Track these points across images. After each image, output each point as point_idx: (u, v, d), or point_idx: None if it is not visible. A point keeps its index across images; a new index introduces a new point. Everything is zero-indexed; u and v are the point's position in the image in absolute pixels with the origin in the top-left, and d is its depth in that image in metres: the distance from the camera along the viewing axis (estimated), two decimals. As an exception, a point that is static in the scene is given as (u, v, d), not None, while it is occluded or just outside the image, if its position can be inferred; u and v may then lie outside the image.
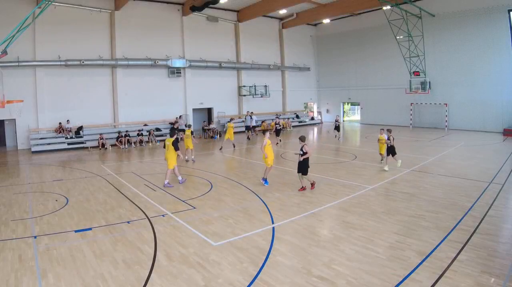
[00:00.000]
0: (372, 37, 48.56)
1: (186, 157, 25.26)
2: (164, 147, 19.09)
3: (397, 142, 29.07)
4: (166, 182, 18.29)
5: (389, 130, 21.37)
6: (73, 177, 21.62)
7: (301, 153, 16.60)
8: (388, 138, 21.02)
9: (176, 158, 18.44)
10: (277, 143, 31.47)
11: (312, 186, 17.19)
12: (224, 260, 9.87)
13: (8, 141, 36.01)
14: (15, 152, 32.44)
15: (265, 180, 18.09)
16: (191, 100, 43.12)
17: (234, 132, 31.78)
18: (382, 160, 21.98)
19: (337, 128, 35.39)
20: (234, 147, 30.83)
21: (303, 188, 16.89)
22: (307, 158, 16.56)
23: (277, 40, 52.03)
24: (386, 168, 20.70)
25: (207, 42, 43.84)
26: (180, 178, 18.83)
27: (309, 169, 16.82)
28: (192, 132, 24.90)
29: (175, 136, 18.94)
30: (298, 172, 16.92)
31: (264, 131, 19.96)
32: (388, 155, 20.92)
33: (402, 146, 29.26)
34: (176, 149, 18.16)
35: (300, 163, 16.67)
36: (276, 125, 34.73)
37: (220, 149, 30.23)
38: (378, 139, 22.28)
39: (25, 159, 28.89)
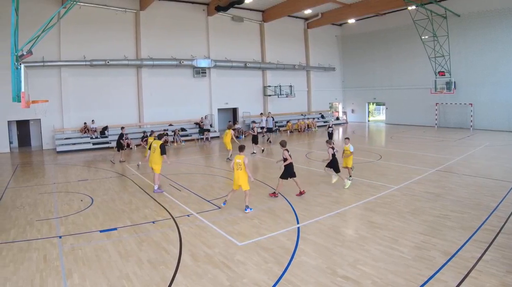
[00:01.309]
0: (397, 37, 48.25)
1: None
2: (149, 149, 18.58)
3: (422, 142, 28.95)
4: (155, 188, 17.85)
5: (347, 138, 19.41)
6: (98, 177, 21.72)
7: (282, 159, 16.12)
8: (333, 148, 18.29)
9: (161, 163, 17.84)
10: (263, 150, 28.84)
11: (276, 193, 16.27)
12: (249, 260, 9.85)
13: (33, 141, 36.33)
14: (40, 152, 32.70)
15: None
16: (216, 100, 43.14)
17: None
18: (350, 176, 18.90)
19: (330, 136, 29.10)
20: (228, 158, 25.98)
21: (274, 193, 16.26)
22: (290, 164, 15.98)
23: (302, 40, 51.86)
24: (347, 185, 17.81)
25: (232, 42, 43.87)
26: (156, 187, 17.95)
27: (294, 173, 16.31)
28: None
29: (163, 139, 18.97)
30: (280, 176, 16.23)
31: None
32: (330, 167, 18.09)
33: (428, 146, 29.30)
34: (163, 152, 17.56)
35: (284, 168, 16.13)
36: (251, 131, 29.92)
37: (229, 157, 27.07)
38: (343, 151, 18.88)
39: (50, 159, 29.10)
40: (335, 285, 8.42)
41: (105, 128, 35.18)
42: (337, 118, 55.15)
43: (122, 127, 28.39)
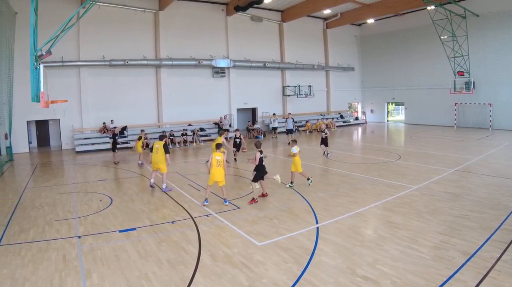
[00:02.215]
0: (416, 37, 48.02)
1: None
2: (151, 151, 18.44)
3: (441, 142, 28.74)
4: (164, 186, 18.00)
5: (293, 141, 18.87)
6: (117, 177, 21.86)
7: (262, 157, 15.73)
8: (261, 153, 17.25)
9: (165, 162, 17.99)
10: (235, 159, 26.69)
11: (255, 199, 15.36)
12: (269, 260, 9.80)
13: (53, 141, 36.64)
14: (59, 152, 32.93)
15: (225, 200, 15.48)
16: (235, 100, 43.26)
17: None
18: (309, 179, 18.31)
19: (324, 142, 26.64)
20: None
21: (254, 200, 15.32)
22: (261, 167, 15.62)
23: (321, 40, 51.79)
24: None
25: (251, 42, 43.93)
26: (164, 186, 18.15)
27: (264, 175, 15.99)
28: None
29: (164, 139, 19.06)
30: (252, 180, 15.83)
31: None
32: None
33: (447, 146, 29.15)
34: (166, 151, 17.82)
35: (255, 171, 15.79)
36: (236, 140, 26.27)
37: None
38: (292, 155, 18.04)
39: (69, 158, 29.29)
40: (355, 285, 8.36)
41: (124, 128, 35.28)
42: (356, 118, 55.07)
43: (115, 127, 28.56)
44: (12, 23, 29.79)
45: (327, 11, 46.02)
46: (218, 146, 15.93)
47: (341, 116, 52.31)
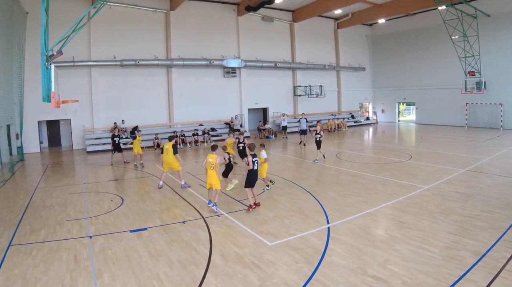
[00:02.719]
0: (427, 37, 47.90)
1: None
2: (162, 152, 18.62)
3: (452, 142, 28.62)
4: (182, 183, 18.36)
5: (261, 145, 18.40)
6: (128, 177, 21.90)
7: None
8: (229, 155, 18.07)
9: (177, 160, 18.29)
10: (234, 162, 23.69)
11: (252, 206, 14.46)
12: (279, 260, 9.81)
13: (64, 141, 36.79)
14: (70, 152, 33.06)
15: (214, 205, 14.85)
16: (247, 100, 43.29)
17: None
18: (267, 185, 17.80)
19: (318, 144, 24.76)
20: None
21: (251, 207, 14.39)
22: (251, 170, 14.51)
23: (332, 40, 51.69)
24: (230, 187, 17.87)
25: (262, 42, 43.91)
26: (183, 182, 18.62)
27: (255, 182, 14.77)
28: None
29: (174, 140, 19.14)
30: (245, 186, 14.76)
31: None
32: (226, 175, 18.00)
33: (458, 146, 29.13)
34: (175, 152, 18.09)
35: (247, 175, 14.77)
36: (239, 145, 23.10)
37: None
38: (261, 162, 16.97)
39: (80, 158, 29.40)
40: (366, 285, 8.38)
41: (135, 128, 35.23)
42: (367, 118, 54.96)
43: (115, 128, 28.56)
44: (23, 23, 29.97)
45: (338, 11, 46.11)
46: (213, 147, 15.30)
47: (352, 116, 52.21)
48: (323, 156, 24.58)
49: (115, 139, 25.42)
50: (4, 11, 26.91)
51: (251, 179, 14.50)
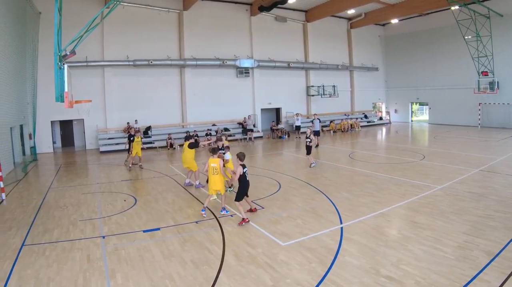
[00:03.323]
0: (440, 37, 47.80)
1: None
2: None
3: (466, 142, 28.47)
4: (197, 183, 18.43)
5: (226, 147, 17.81)
6: (141, 177, 21.93)
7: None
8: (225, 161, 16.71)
9: (194, 160, 18.62)
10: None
11: (245, 219, 12.93)
12: (293, 260, 9.80)
13: (77, 141, 36.97)
14: (83, 152, 33.18)
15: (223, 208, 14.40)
16: (260, 100, 43.29)
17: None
18: (231, 187, 17.54)
19: (308, 149, 23.53)
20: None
21: (244, 220, 12.89)
22: (244, 182, 13.35)
23: (345, 40, 51.62)
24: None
25: (275, 42, 43.84)
26: (197, 182, 18.60)
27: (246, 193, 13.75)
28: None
29: (191, 139, 19.69)
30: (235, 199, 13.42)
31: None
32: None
33: (471, 146, 29.03)
34: (193, 146, 18.63)
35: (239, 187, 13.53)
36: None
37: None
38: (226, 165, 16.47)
39: (94, 158, 29.48)
40: (379, 285, 8.36)
41: (148, 128, 35.41)
42: (380, 118, 54.86)
43: (131, 128, 28.53)
44: (36, 23, 30.12)
45: (351, 11, 46.09)
46: (214, 151, 14.62)
47: (365, 116, 52.10)
48: (310, 165, 23.04)
49: (132, 139, 25.22)
50: (17, 11, 27.07)
51: (243, 191, 13.35)
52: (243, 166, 13.33)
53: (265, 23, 42.94)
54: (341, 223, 12.57)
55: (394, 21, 50.80)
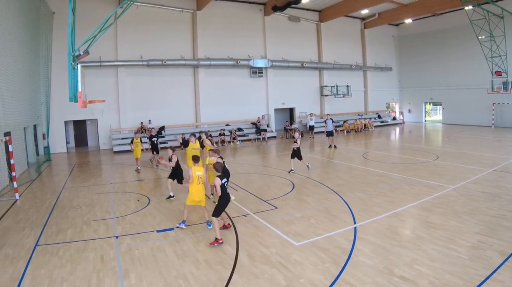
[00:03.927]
0: (454, 37, 47.66)
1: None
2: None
3: (479, 142, 28.33)
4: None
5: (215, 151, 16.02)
6: (155, 177, 21.99)
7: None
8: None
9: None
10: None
11: (219, 240, 11.17)
12: (306, 260, 9.85)
13: (90, 141, 37.11)
14: (97, 152, 33.30)
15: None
16: (273, 100, 43.25)
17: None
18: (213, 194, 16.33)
19: (297, 154, 21.73)
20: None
21: (217, 241, 11.15)
22: (224, 196, 11.54)
23: (358, 40, 51.50)
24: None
25: (289, 42, 43.79)
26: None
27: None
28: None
29: (201, 140, 19.51)
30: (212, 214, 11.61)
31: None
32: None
33: (484, 146, 29.03)
34: (202, 146, 18.22)
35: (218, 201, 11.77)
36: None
37: None
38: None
39: (107, 158, 29.60)
40: (392, 285, 8.39)
41: (162, 128, 35.47)
42: (394, 118, 54.74)
43: (152, 128, 28.51)
44: (50, 23, 30.25)
45: (364, 11, 45.99)
46: (196, 159, 13.26)
47: (379, 116, 51.97)
48: (296, 168, 21.57)
49: (153, 139, 25.23)
50: (31, 11, 27.18)
51: (222, 205, 11.61)
52: (221, 177, 11.51)
53: (278, 23, 42.90)
54: (354, 223, 12.58)
55: (408, 21, 50.64)
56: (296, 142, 21.45)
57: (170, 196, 16.51)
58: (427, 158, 24.73)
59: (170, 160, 16.36)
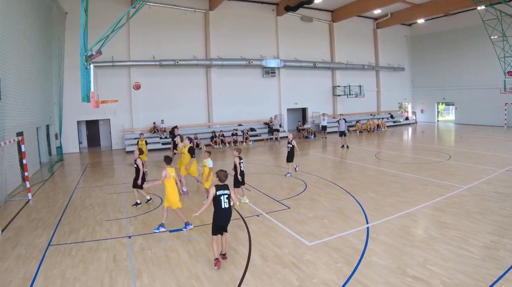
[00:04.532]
0: (466, 37, 47.56)
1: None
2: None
3: (492, 142, 28.18)
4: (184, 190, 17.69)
5: (207, 152, 16.38)
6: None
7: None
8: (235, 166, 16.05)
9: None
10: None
11: (219, 261, 9.75)
12: (319, 260, 9.82)
13: (103, 142, 37.27)
14: (109, 152, 33.41)
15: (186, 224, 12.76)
16: (286, 100, 43.27)
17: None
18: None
19: (290, 156, 20.97)
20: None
21: (216, 262, 9.63)
22: (216, 210, 9.94)
23: (371, 40, 51.42)
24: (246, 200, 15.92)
25: (302, 42, 43.79)
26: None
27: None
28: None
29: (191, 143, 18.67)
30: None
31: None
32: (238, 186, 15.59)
33: (497, 146, 28.93)
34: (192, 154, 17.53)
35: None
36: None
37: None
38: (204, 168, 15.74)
39: (120, 158, 29.67)
40: (405, 285, 8.35)
41: (175, 127, 35.23)
42: (407, 118, 54.54)
43: (174, 128, 28.42)
44: (62, 23, 30.36)
45: (377, 11, 45.97)
46: (168, 160, 13.30)
47: (391, 116, 51.85)
48: (295, 168, 21.10)
49: (175, 139, 24.91)
50: (44, 11, 27.32)
51: (214, 221, 9.97)
52: (217, 187, 9.90)
53: (291, 23, 42.88)
54: (367, 223, 12.55)
55: (420, 21, 50.59)
56: (290, 144, 20.78)
57: (147, 200, 16.29)
58: (440, 157, 24.66)
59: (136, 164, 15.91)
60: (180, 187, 15.88)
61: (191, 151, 17.55)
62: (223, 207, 9.74)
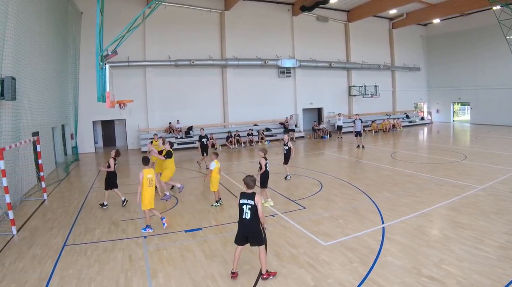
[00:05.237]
0: (482, 37, 47.35)
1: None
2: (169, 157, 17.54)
3: (507, 142, 28.22)
4: (167, 194, 17.25)
5: (214, 153, 16.05)
6: (183, 177, 21.93)
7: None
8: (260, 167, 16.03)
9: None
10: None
11: (272, 272, 9.21)
12: (334, 260, 9.83)
13: (118, 141, 37.41)
14: (125, 152, 33.36)
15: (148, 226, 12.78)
16: (301, 100, 43.21)
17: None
18: (217, 201, 15.55)
19: (286, 158, 20.41)
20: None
21: (269, 274, 9.09)
22: (239, 220, 9.46)
23: (386, 40, 51.28)
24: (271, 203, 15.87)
25: (317, 42, 43.73)
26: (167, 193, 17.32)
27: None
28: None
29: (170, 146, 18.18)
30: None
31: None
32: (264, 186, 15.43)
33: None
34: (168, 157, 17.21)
35: None
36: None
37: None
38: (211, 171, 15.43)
39: (135, 158, 29.54)
40: (420, 285, 8.34)
41: (190, 128, 35.62)
42: (422, 118, 54.35)
43: (202, 129, 28.43)
44: (78, 23, 30.52)
45: (392, 11, 45.72)
46: (146, 161, 13.37)
47: (407, 116, 51.69)
48: (286, 176, 20.40)
49: (203, 140, 25.07)
50: (60, 11, 27.38)
51: (237, 232, 9.42)
52: (242, 195, 9.33)
53: (306, 23, 42.83)
54: (382, 223, 12.56)
55: (436, 21, 50.37)
56: (286, 146, 20.05)
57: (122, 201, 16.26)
58: (455, 158, 24.57)
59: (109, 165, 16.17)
60: (161, 191, 16.24)
61: (169, 155, 17.34)
62: (243, 217, 9.15)
